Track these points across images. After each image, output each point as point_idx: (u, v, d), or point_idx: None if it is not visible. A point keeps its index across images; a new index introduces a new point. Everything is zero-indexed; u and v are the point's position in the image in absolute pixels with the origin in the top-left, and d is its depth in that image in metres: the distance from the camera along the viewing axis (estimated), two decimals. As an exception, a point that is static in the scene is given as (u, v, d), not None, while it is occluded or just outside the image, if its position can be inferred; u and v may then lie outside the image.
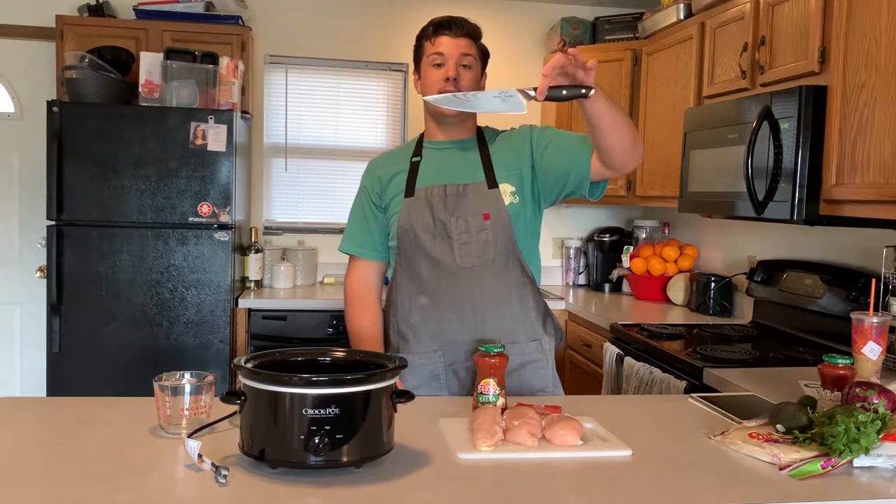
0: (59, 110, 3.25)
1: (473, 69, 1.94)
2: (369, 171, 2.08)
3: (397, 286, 2.00)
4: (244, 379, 1.31)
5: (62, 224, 3.29)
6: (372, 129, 4.31)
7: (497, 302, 1.93)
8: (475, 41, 1.96)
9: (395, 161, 2.04)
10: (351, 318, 2.03)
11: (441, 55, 1.92)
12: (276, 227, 4.24)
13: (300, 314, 3.59)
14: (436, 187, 1.94)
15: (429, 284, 1.93)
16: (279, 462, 1.27)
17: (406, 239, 1.94)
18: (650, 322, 3.10)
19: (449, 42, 1.92)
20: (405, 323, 1.97)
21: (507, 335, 1.93)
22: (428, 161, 1.99)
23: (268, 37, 4.12)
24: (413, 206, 1.94)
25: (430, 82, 1.94)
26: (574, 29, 4.08)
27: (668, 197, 3.42)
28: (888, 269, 2.30)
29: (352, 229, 2.07)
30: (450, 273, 1.91)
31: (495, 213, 1.92)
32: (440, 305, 1.93)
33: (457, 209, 1.92)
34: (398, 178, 1.99)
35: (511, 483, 1.28)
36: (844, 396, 1.58)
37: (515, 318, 1.96)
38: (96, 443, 1.42)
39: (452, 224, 1.91)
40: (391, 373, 1.34)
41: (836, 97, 2.28)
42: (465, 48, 1.92)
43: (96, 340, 3.32)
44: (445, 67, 1.91)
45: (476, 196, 1.92)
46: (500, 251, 1.92)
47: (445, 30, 1.93)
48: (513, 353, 1.90)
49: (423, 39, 1.97)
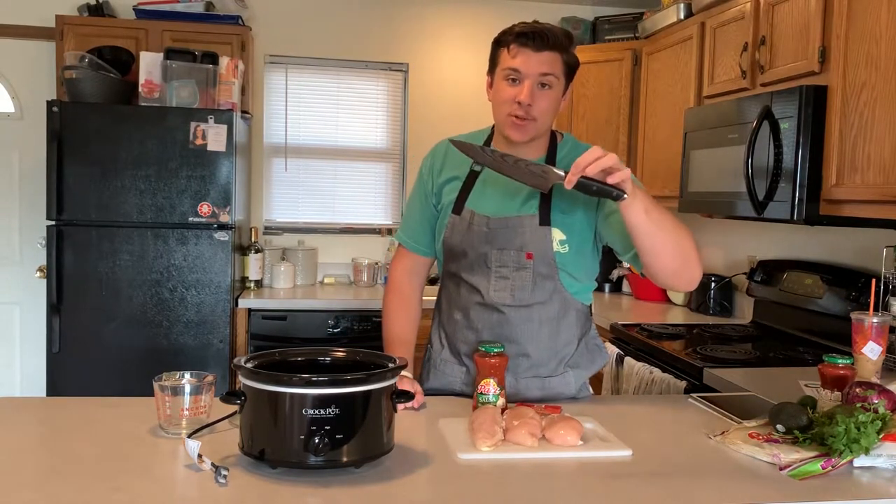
0: (59, 110, 3.25)
1: (554, 89, 1.72)
2: (432, 163, 1.92)
3: (444, 287, 1.93)
4: (244, 379, 1.31)
5: (62, 224, 3.29)
6: (372, 129, 4.31)
7: (526, 341, 1.82)
8: (562, 53, 1.71)
9: (457, 159, 1.85)
10: (389, 314, 1.94)
11: (517, 72, 1.70)
12: (276, 227, 4.24)
13: (300, 314, 3.59)
14: (479, 215, 1.79)
15: (464, 304, 1.85)
16: (279, 462, 1.27)
17: (448, 256, 1.86)
18: (650, 322, 3.10)
19: (529, 58, 1.69)
20: (443, 327, 1.93)
21: (530, 368, 1.84)
22: (487, 176, 1.82)
23: (268, 37, 4.12)
24: (457, 227, 1.82)
25: (500, 98, 1.74)
26: (574, 29, 4.08)
27: (669, 197, 3.42)
28: (888, 269, 2.30)
29: (409, 219, 1.96)
30: (484, 302, 1.82)
31: (540, 254, 1.76)
32: (471, 328, 1.85)
33: (498, 241, 1.78)
34: (453, 185, 1.85)
35: (511, 483, 1.28)
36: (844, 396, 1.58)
37: (541, 357, 1.84)
38: (96, 443, 1.42)
39: (492, 256, 1.78)
40: (391, 373, 1.34)
41: (837, 97, 2.28)
42: (546, 66, 1.69)
43: (96, 340, 3.32)
44: (520, 87, 1.70)
45: (522, 230, 1.77)
46: (540, 292, 1.79)
47: (528, 41, 1.69)
48: (532, 387, 1.84)
49: (501, 46, 1.75)
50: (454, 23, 4.27)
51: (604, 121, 3.94)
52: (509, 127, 1.74)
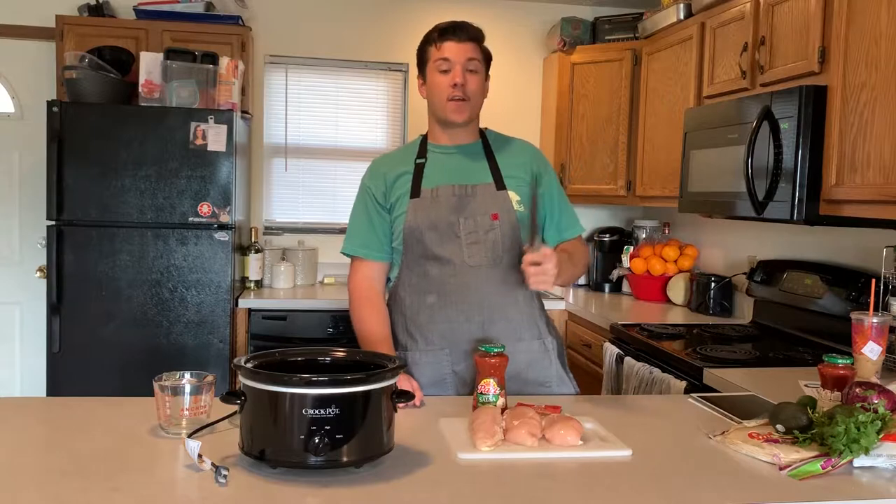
0: (59, 110, 3.25)
1: (479, 73, 1.95)
2: (373, 172, 2.07)
3: (403, 285, 1.99)
4: (244, 379, 1.31)
5: (62, 224, 3.29)
6: (372, 129, 4.31)
7: (504, 301, 1.95)
8: (479, 45, 1.96)
9: (399, 162, 2.04)
10: (359, 318, 2.00)
11: (447, 60, 1.92)
12: (276, 227, 4.24)
13: (300, 314, 3.59)
14: (443, 187, 1.94)
15: (436, 283, 1.94)
16: (279, 462, 1.27)
17: (412, 239, 1.94)
18: (650, 322, 3.10)
19: (455, 47, 1.92)
20: (413, 322, 1.97)
21: (513, 333, 1.94)
22: (433, 164, 1.99)
23: (268, 37, 4.12)
24: (419, 207, 1.94)
25: (436, 88, 1.95)
26: (574, 29, 4.08)
27: (668, 197, 3.43)
28: (888, 269, 2.30)
29: (355, 230, 2.05)
30: (458, 272, 1.92)
31: (504, 214, 1.93)
32: (448, 304, 1.93)
33: (465, 209, 1.93)
34: (403, 179, 1.99)
35: (511, 483, 1.28)
36: (844, 396, 1.58)
37: (521, 318, 1.98)
38: (96, 443, 1.42)
39: (461, 224, 1.92)
40: (391, 373, 1.34)
41: (836, 97, 2.28)
42: (470, 52, 1.93)
43: (96, 340, 3.32)
44: (452, 73, 1.92)
45: (485, 196, 1.94)
46: (508, 250, 1.93)
47: (451, 34, 1.93)
48: (519, 350, 1.92)
49: (428, 45, 1.98)
50: (454, 23, 4.27)
51: (604, 121, 3.94)
52: (450, 111, 1.94)
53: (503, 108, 4.09)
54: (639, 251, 3.92)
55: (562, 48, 4.04)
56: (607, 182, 3.95)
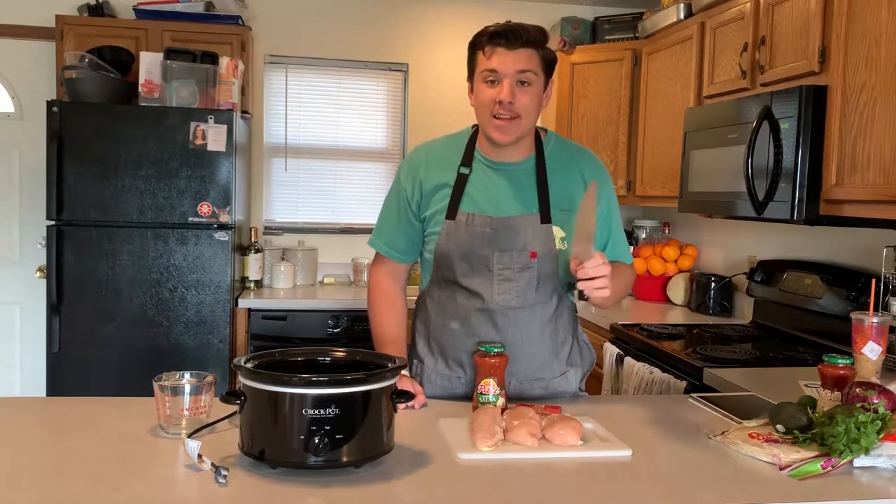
0: (59, 110, 3.25)
1: (534, 85, 1.72)
2: (411, 171, 1.86)
3: (432, 297, 1.88)
4: (244, 379, 1.31)
5: (62, 224, 3.29)
6: (372, 129, 4.31)
7: (531, 341, 1.82)
8: (538, 49, 1.72)
9: (442, 164, 1.83)
10: (376, 315, 1.91)
11: (494, 72, 1.70)
12: (276, 227, 4.24)
13: (300, 314, 3.59)
14: (479, 216, 1.77)
15: (462, 312, 1.82)
16: (279, 462, 1.27)
17: (443, 263, 1.81)
18: (650, 322, 3.10)
19: (505, 57, 1.69)
20: (434, 339, 1.88)
21: (534, 372, 1.84)
22: (477, 178, 1.80)
23: (268, 37, 4.12)
24: (453, 232, 1.78)
25: (482, 100, 1.73)
26: (574, 29, 4.08)
27: (668, 197, 3.42)
28: (888, 269, 2.30)
29: (384, 226, 1.91)
30: (485, 307, 1.79)
31: (543, 252, 1.77)
32: (471, 335, 1.81)
33: (500, 242, 1.76)
34: (443, 192, 1.80)
35: (511, 483, 1.28)
36: (844, 396, 1.58)
37: (544, 358, 1.85)
38: (96, 443, 1.42)
39: (494, 258, 1.76)
40: (391, 373, 1.34)
41: (836, 97, 2.28)
42: (523, 63, 1.69)
43: (96, 340, 3.32)
44: (499, 87, 1.69)
45: (526, 229, 1.77)
46: (543, 291, 1.81)
47: (501, 40, 1.70)
48: (536, 386, 1.86)
49: (476, 49, 1.75)
50: (454, 23, 4.27)
51: (604, 121, 3.94)
52: (493, 129, 1.74)
53: (503, 108, 4.08)
54: (639, 251, 3.92)
55: (562, 48, 4.04)
56: (607, 182, 3.95)
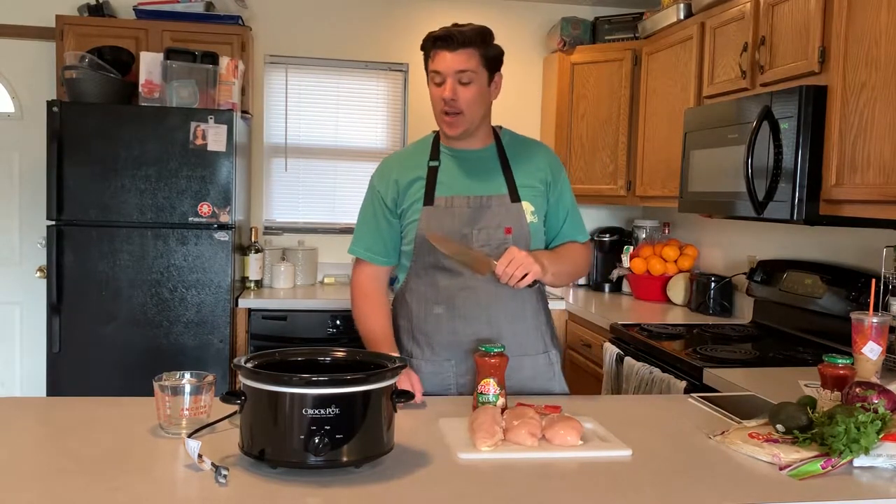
0: (59, 110, 3.25)
1: (475, 83, 1.84)
2: (383, 174, 1.99)
3: (411, 291, 1.96)
4: (244, 379, 1.31)
5: (62, 224, 3.29)
6: (372, 129, 4.31)
7: (513, 316, 1.92)
8: (478, 49, 1.84)
9: (411, 164, 1.96)
10: (363, 316, 1.96)
11: (439, 73, 1.84)
12: (276, 227, 4.24)
13: (300, 314, 3.59)
14: (457, 197, 1.89)
15: (445, 294, 1.90)
16: (279, 462, 1.27)
17: (424, 248, 1.89)
18: (650, 322, 3.10)
19: (445, 58, 1.83)
20: (419, 329, 1.94)
21: (519, 347, 1.91)
22: (447, 168, 1.93)
23: (268, 37, 4.12)
24: (433, 216, 1.88)
25: (432, 99, 1.89)
26: (574, 29, 4.08)
27: (668, 197, 3.43)
28: (888, 269, 2.30)
29: (362, 233, 2.00)
30: (467, 285, 1.89)
31: (517, 228, 1.90)
32: (455, 316, 1.90)
33: (478, 221, 1.88)
34: (417, 185, 1.92)
35: (511, 483, 1.28)
36: (844, 396, 1.58)
37: (528, 332, 1.95)
38: (96, 443, 1.42)
39: (473, 236, 1.87)
40: (391, 373, 1.34)
41: (836, 97, 2.28)
42: (462, 63, 1.82)
43: (96, 340, 3.32)
44: (444, 86, 1.84)
45: (499, 209, 1.89)
46: None
47: (442, 43, 1.83)
48: (524, 365, 1.91)
49: (425, 52, 1.90)
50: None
51: (604, 121, 3.95)
52: (443, 124, 1.90)
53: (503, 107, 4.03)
54: (639, 251, 3.92)
55: (562, 48, 4.04)
56: (607, 182, 3.95)
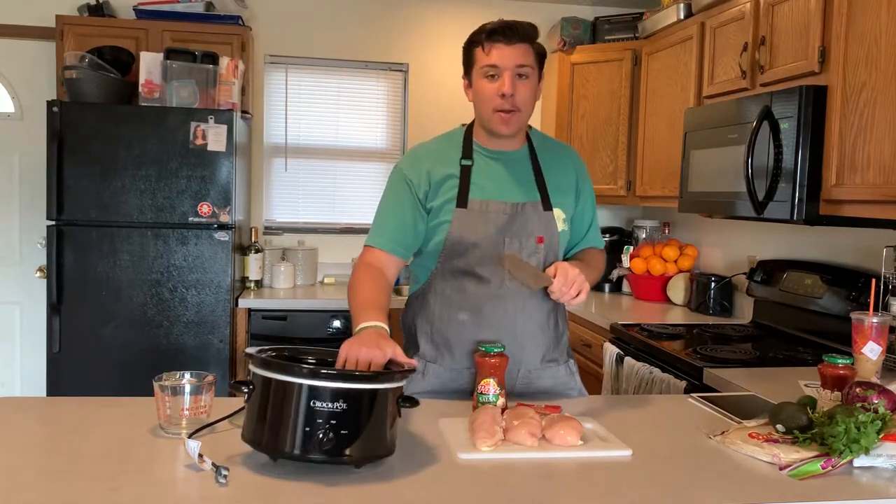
0: (59, 110, 3.25)
1: (531, 78, 1.78)
2: (415, 165, 1.86)
3: (435, 293, 1.86)
4: (254, 368, 1.30)
5: (62, 224, 3.29)
6: (372, 129, 4.31)
7: (538, 327, 1.87)
8: (532, 45, 1.79)
9: (443, 159, 1.86)
10: (359, 284, 1.74)
11: (495, 67, 1.75)
12: (276, 227, 4.24)
13: (300, 314, 3.59)
14: (493, 202, 1.81)
15: (473, 301, 1.83)
16: (280, 453, 1.26)
17: (454, 251, 1.81)
18: (650, 322, 3.10)
19: (504, 51, 1.75)
20: (440, 334, 1.86)
21: (541, 358, 1.89)
22: (480, 169, 1.85)
23: (268, 37, 4.12)
24: (466, 219, 1.80)
25: (483, 96, 1.79)
26: (574, 29, 4.08)
27: (668, 197, 3.43)
28: (888, 269, 2.30)
29: (388, 224, 1.84)
30: (495, 294, 1.82)
31: (548, 237, 1.84)
32: (481, 325, 1.83)
33: (511, 228, 1.81)
34: (450, 183, 1.83)
35: (511, 483, 1.28)
36: (844, 396, 1.58)
37: (549, 344, 1.91)
38: (96, 443, 1.42)
39: (506, 244, 1.80)
40: (401, 375, 1.34)
41: (836, 97, 2.28)
42: (521, 57, 1.76)
43: (96, 340, 3.32)
44: (500, 81, 1.75)
45: (532, 216, 1.83)
46: None
47: (500, 36, 1.75)
48: (545, 375, 1.90)
49: (475, 46, 1.80)
50: (454, 23, 4.27)
51: (604, 121, 3.95)
52: (497, 122, 1.80)
53: (503, 108, 4.08)
54: (639, 251, 3.92)
55: (562, 48, 4.04)
56: (607, 182, 3.95)
